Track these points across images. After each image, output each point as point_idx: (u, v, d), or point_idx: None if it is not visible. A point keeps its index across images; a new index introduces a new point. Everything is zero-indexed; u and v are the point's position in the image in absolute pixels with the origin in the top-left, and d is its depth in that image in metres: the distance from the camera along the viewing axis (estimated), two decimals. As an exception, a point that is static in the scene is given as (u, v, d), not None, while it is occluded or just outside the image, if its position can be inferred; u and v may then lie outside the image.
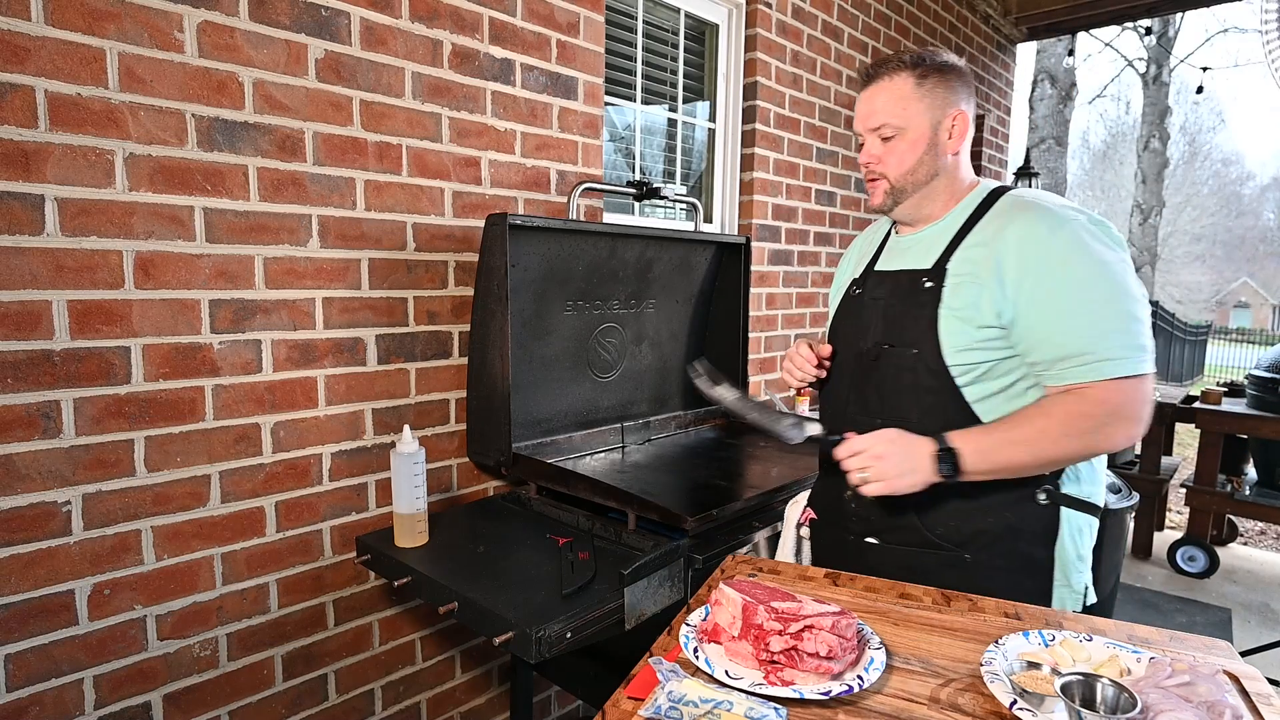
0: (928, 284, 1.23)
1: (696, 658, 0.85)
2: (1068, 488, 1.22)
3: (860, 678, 0.81)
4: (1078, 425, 1.11)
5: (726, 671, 0.82)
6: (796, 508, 1.53)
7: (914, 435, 1.14)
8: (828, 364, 1.40)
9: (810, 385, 1.45)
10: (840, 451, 1.18)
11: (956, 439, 1.13)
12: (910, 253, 1.32)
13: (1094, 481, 1.25)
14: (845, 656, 0.83)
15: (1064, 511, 1.22)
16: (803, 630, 0.82)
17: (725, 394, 1.40)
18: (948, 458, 1.12)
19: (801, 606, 0.86)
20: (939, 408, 1.21)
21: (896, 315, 1.27)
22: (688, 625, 0.92)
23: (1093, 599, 1.27)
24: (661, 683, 0.81)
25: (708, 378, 1.41)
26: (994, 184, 1.30)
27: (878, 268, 1.37)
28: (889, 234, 1.42)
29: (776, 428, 1.33)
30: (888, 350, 1.27)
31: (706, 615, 0.93)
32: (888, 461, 1.13)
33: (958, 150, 1.26)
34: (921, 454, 1.13)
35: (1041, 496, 1.21)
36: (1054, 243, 1.13)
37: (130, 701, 1.36)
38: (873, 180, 1.29)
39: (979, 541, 1.22)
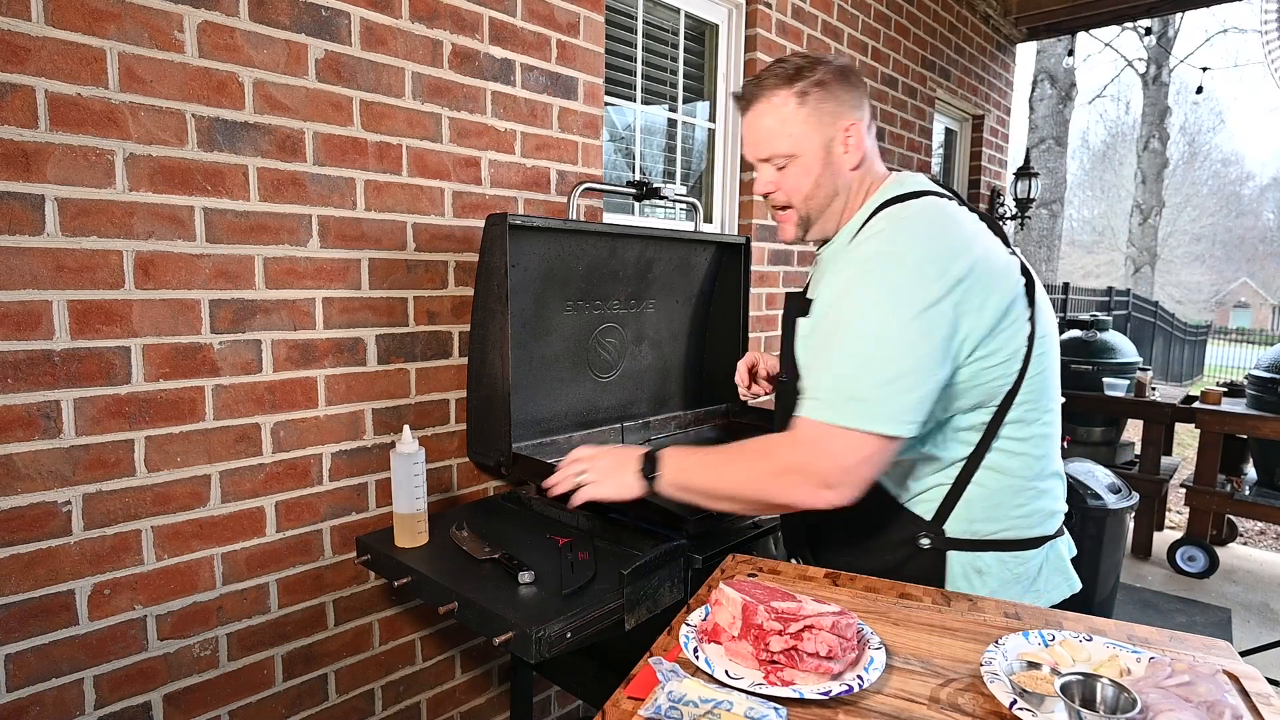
0: (795, 311, 1.20)
1: (696, 658, 0.85)
2: (955, 530, 1.15)
3: (860, 678, 0.81)
4: (757, 468, 1.08)
5: (726, 671, 0.82)
6: None
7: (620, 446, 1.19)
8: (764, 382, 1.43)
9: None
10: (564, 461, 1.25)
11: (666, 451, 1.17)
12: (814, 274, 1.27)
13: (994, 519, 1.14)
14: (845, 656, 0.83)
15: (953, 555, 1.15)
16: (803, 630, 0.82)
17: None
18: (648, 463, 1.16)
19: (801, 606, 0.86)
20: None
21: (783, 345, 1.23)
22: (688, 625, 0.92)
23: None
24: (661, 683, 0.81)
25: None
26: (894, 191, 1.16)
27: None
28: None
29: None
30: (782, 383, 1.23)
31: (706, 615, 0.93)
32: (599, 463, 1.20)
33: (856, 164, 1.16)
34: (629, 458, 1.18)
35: (924, 542, 1.15)
36: (845, 270, 1.08)
37: (130, 701, 1.36)
38: (781, 210, 1.21)
39: (893, 566, 1.19)
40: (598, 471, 1.22)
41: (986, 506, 1.14)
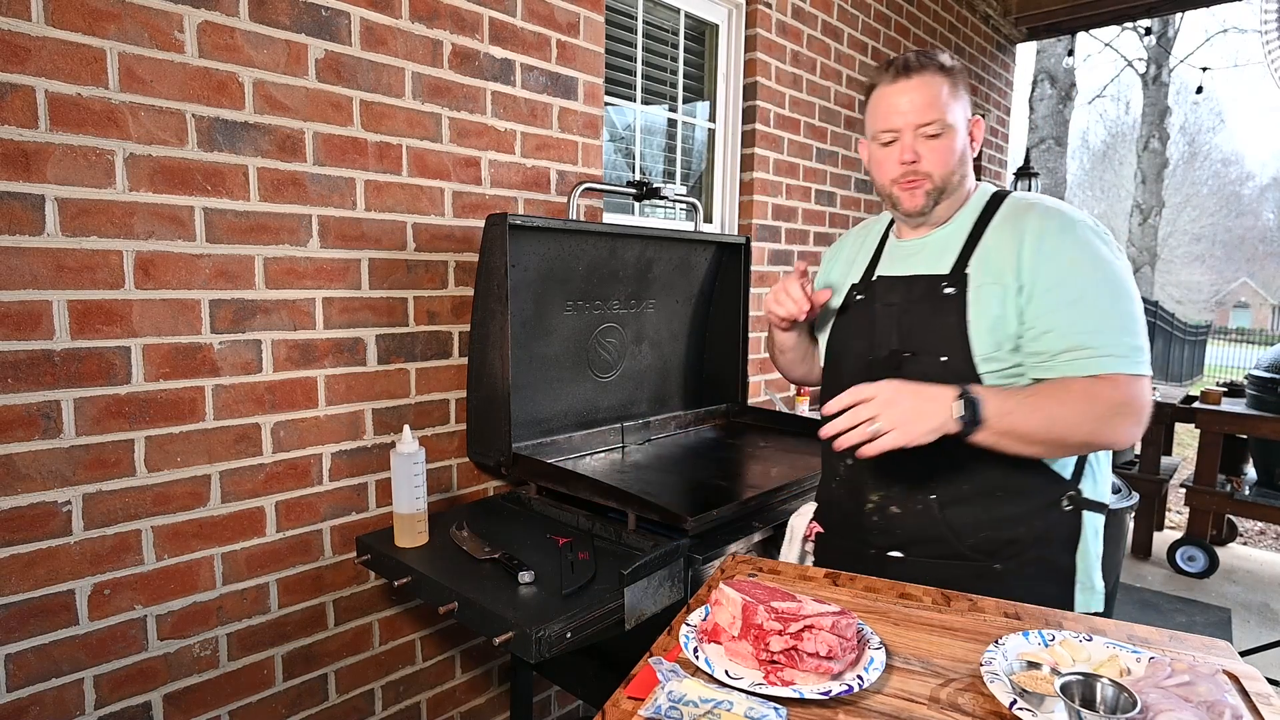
0: (948, 289, 1.21)
1: (696, 658, 0.85)
2: (1086, 490, 1.22)
3: (860, 677, 0.81)
4: (1092, 410, 1.09)
5: (726, 671, 0.83)
6: (802, 520, 1.50)
7: (916, 384, 1.09)
8: (815, 308, 1.33)
9: (808, 386, 1.43)
10: (840, 400, 1.09)
11: (983, 393, 1.08)
12: (918, 258, 1.30)
13: (1107, 480, 1.26)
14: (845, 656, 0.83)
15: (1084, 515, 1.22)
16: (803, 630, 0.82)
17: None
18: (970, 406, 1.05)
19: (801, 606, 0.86)
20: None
21: (917, 322, 1.24)
22: (688, 625, 0.92)
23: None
24: (661, 683, 0.81)
25: None
26: (992, 187, 1.30)
27: (882, 273, 1.34)
28: (885, 237, 1.40)
29: None
30: (909, 359, 1.23)
31: (706, 615, 0.93)
32: (899, 407, 1.05)
33: (975, 155, 1.27)
34: (940, 397, 1.06)
35: (1065, 503, 1.21)
36: (1064, 240, 1.14)
37: (130, 701, 1.36)
38: (914, 181, 1.23)
39: (1008, 551, 1.21)
40: (896, 418, 1.05)
41: (1101, 470, 1.25)
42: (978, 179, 1.32)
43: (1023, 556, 1.21)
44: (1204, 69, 7.99)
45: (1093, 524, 1.23)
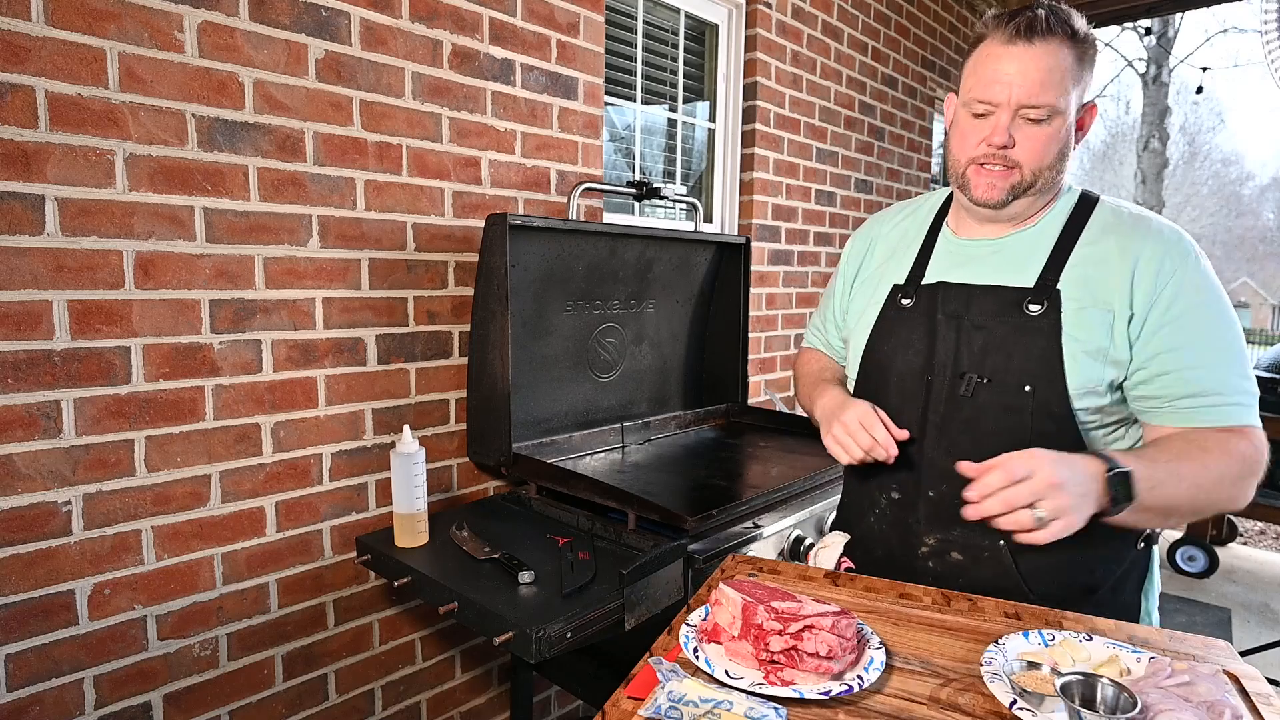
0: (1033, 307, 1.04)
1: (696, 658, 0.85)
2: None
3: (860, 677, 0.81)
4: (1230, 472, 0.97)
5: (726, 671, 0.82)
6: (830, 554, 1.30)
7: (1065, 455, 0.91)
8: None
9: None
10: (990, 481, 0.89)
11: (1124, 460, 0.92)
12: (989, 263, 1.11)
13: None
14: (845, 656, 0.82)
15: (1152, 549, 1.14)
16: (803, 630, 0.82)
17: None
18: (1122, 482, 0.90)
19: (801, 606, 0.86)
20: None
21: (993, 342, 1.07)
22: (688, 625, 0.92)
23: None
24: (661, 682, 0.81)
25: None
26: (1079, 187, 1.13)
27: (939, 277, 1.15)
28: (934, 230, 1.20)
29: None
30: (984, 385, 1.06)
31: (706, 615, 0.93)
32: (1066, 490, 0.86)
33: (1076, 146, 1.07)
34: (1091, 475, 0.90)
35: (1140, 542, 1.10)
36: (1186, 272, 1.01)
37: (130, 701, 1.36)
38: (1004, 169, 1.04)
39: (1081, 598, 1.08)
40: (1063, 504, 0.87)
41: None
42: (1090, 191, 1.13)
43: (1095, 601, 1.08)
44: (1204, 69, 7.98)
45: (1156, 556, 1.15)
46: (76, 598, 1.29)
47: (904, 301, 1.17)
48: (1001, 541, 1.06)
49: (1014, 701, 0.75)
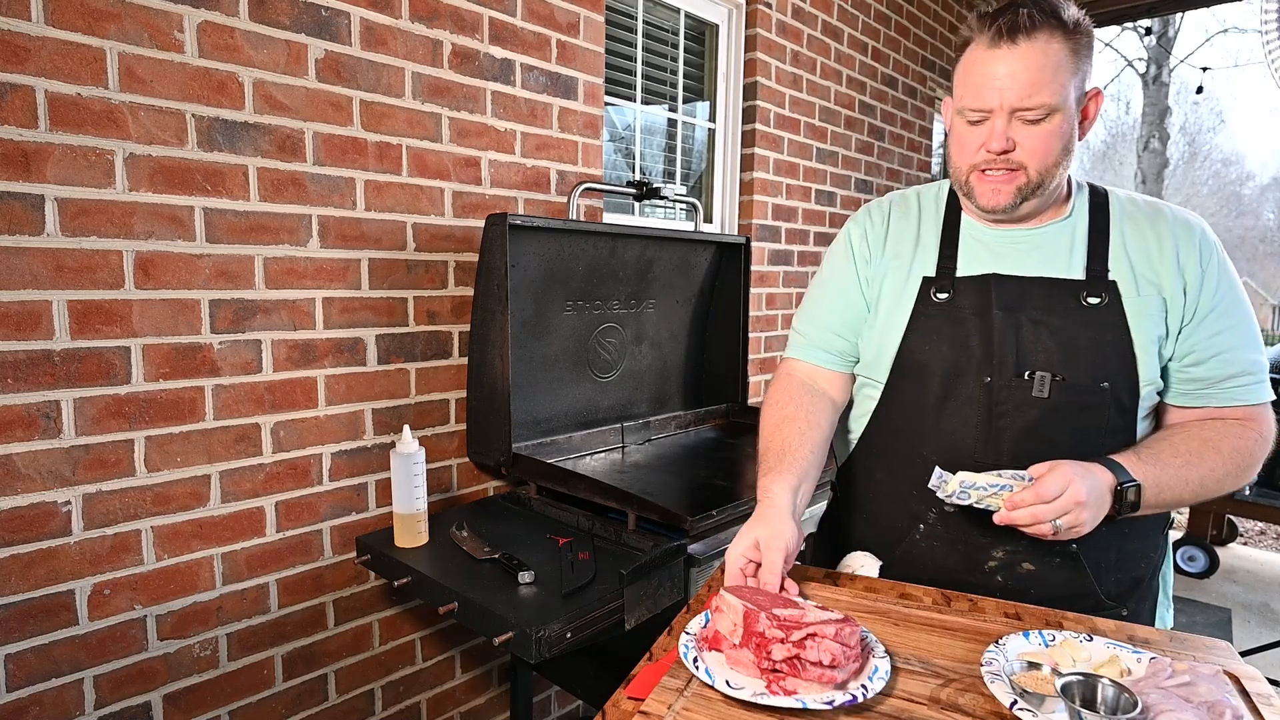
0: (1092, 299, 1.02)
1: (696, 667, 0.82)
2: None
3: (864, 687, 0.79)
4: (1242, 461, 1.01)
5: (727, 681, 0.80)
6: (862, 565, 1.18)
7: (1086, 467, 0.94)
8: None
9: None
10: (1025, 496, 0.92)
11: (1135, 469, 0.96)
12: (1028, 253, 1.07)
13: None
14: (849, 665, 0.81)
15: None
16: (805, 638, 0.80)
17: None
18: (1130, 494, 0.95)
19: (804, 613, 0.84)
20: (1119, 450, 1.02)
21: (1060, 338, 1.03)
22: (687, 634, 0.89)
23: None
24: (943, 480, 0.95)
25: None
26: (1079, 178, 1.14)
27: (979, 269, 1.09)
28: (950, 221, 1.14)
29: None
30: (1059, 384, 1.02)
31: (707, 622, 0.91)
32: (1088, 506, 0.91)
33: (1084, 136, 1.04)
34: (1106, 486, 0.94)
35: (1171, 532, 1.15)
36: (1213, 255, 1.05)
37: (130, 701, 1.36)
38: (1007, 173, 1.01)
39: (1135, 590, 1.10)
40: (1085, 517, 0.92)
41: None
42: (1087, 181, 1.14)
43: (1143, 591, 1.11)
44: (1204, 69, 7.98)
45: (1170, 540, 1.18)
46: (76, 598, 1.28)
47: (939, 295, 1.09)
48: (1073, 545, 1.04)
49: (1014, 702, 0.75)
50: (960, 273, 1.10)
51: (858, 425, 1.23)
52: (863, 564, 1.18)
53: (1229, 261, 1.06)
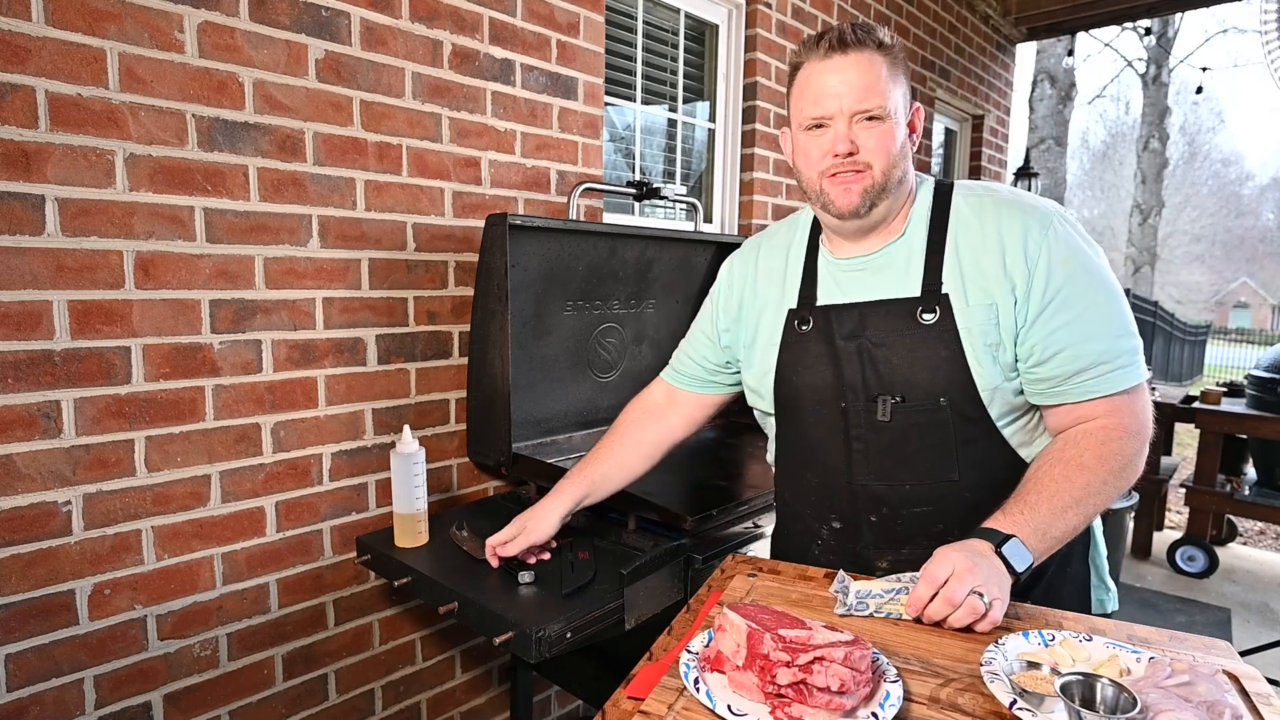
0: (926, 316, 1.05)
1: (697, 689, 0.78)
2: None
3: (875, 715, 0.74)
4: (1116, 464, 1.00)
5: (729, 706, 0.75)
6: None
7: (963, 542, 0.95)
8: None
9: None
10: (920, 594, 0.92)
11: (1006, 526, 0.95)
12: (872, 277, 1.12)
13: None
14: (859, 691, 0.75)
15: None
16: (812, 662, 0.75)
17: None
18: (1013, 550, 0.94)
19: (812, 635, 0.79)
20: (983, 458, 1.07)
21: (897, 359, 1.07)
22: (689, 653, 0.85)
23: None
24: (843, 588, 0.97)
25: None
26: (929, 179, 1.16)
27: (830, 299, 1.15)
28: (813, 250, 1.19)
29: None
30: (899, 405, 1.07)
31: (709, 641, 0.86)
32: (981, 571, 0.90)
33: (915, 147, 1.11)
34: (991, 555, 0.93)
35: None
36: (1049, 243, 1.02)
37: (130, 701, 1.36)
38: (855, 173, 1.05)
39: (1028, 583, 1.05)
40: (990, 585, 0.90)
41: None
42: (940, 180, 1.16)
43: (1046, 582, 1.12)
44: (1204, 69, 7.99)
45: (1098, 524, 1.18)
46: (76, 598, 1.29)
47: (802, 328, 1.16)
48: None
49: (1014, 702, 0.75)
50: (819, 303, 1.16)
51: (770, 451, 1.35)
52: None
53: (1074, 243, 1.02)
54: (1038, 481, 1.00)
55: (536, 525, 1.32)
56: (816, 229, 1.21)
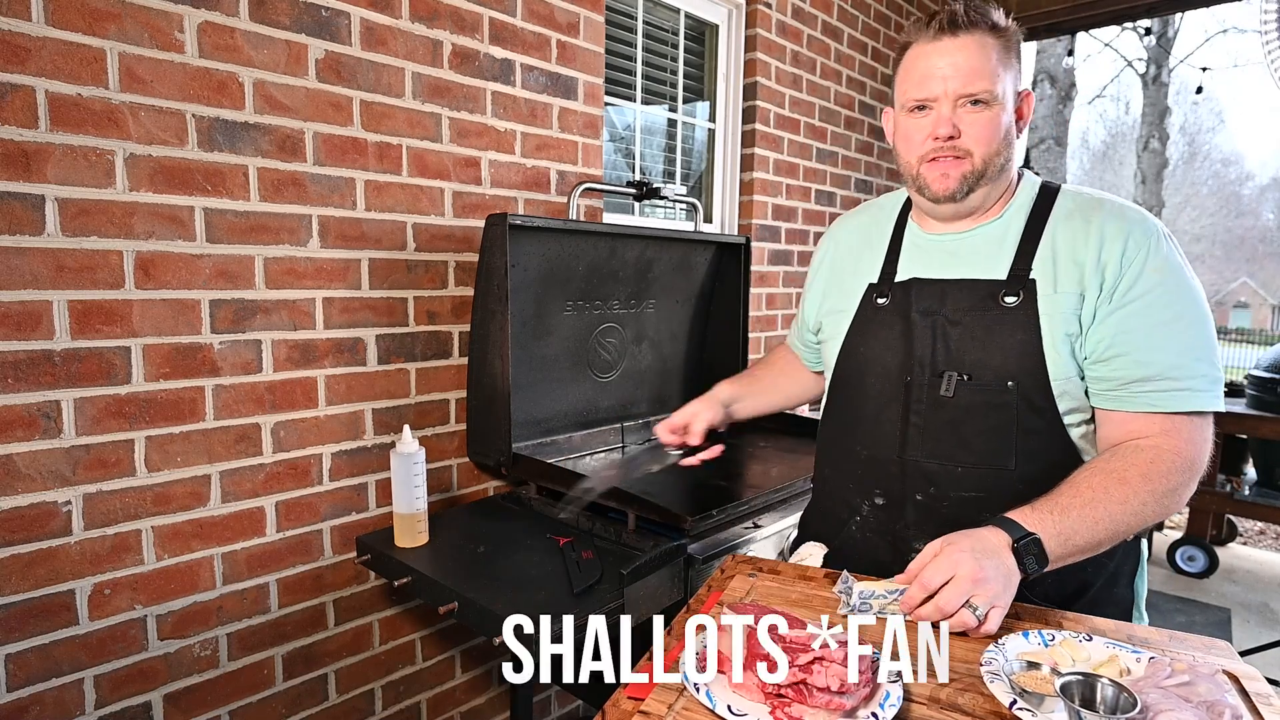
0: (1009, 299, 1.03)
1: (697, 690, 0.78)
2: None
3: (875, 715, 0.74)
4: (1160, 488, 0.94)
5: (729, 706, 0.76)
6: (810, 554, 1.25)
7: (974, 530, 0.91)
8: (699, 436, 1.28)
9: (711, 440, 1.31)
10: (913, 595, 0.89)
11: (1030, 522, 0.91)
12: (961, 257, 1.10)
13: None
14: (859, 691, 0.75)
15: (1140, 540, 1.12)
16: (812, 662, 0.75)
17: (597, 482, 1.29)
18: (1032, 549, 0.89)
19: (812, 635, 0.80)
20: (1042, 451, 1.03)
21: (972, 338, 1.05)
22: (689, 653, 0.84)
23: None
24: (846, 588, 0.95)
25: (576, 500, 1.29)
26: (1037, 177, 1.13)
27: (914, 273, 1.14)
28: (901, 225, 1.20)
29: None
30: (965, 383, 1.05)
31: (709, 642, 0.84)
32: (990, 580, 0.86)
33: (1021, 134, 1.08)
34: (1003, 552, 0.89)
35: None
36: (1150, 251, 0.99)
37: (130, 701, 1.36)
38: (954, 159, 1.04)
39: (1070, 595, 1.07)
40: (992, 592, 0.87)
41: None
42: (1049, 180, 1.13)
43: (1090, 599, 1.07)
44: (1204, 69, 7.98)
45: (1144, 549, 1.14)
46: (76, 598, 1.29)
47: (879, 300, 1.17)
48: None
49: (1014, 701, 0.75)
50: (899, 277, 1.16)
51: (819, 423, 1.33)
52: (810, 553, 1.25)
53: (1172, 261, 1.00)
54: (1075, 486, 0.96)
55: (708, 409, 1.35)
56: (908, 205, 1.22)
